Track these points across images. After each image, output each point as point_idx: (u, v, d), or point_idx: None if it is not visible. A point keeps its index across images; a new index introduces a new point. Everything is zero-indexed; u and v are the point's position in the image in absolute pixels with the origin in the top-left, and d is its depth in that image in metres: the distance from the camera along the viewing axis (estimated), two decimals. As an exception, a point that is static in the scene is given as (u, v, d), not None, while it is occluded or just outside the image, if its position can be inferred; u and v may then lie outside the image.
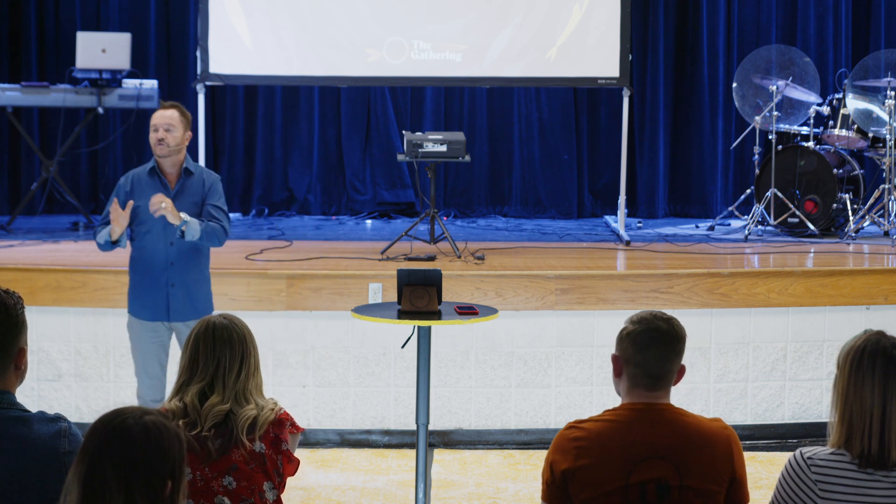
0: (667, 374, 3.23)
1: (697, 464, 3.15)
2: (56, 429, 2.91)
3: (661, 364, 3.21)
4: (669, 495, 3.13)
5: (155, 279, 5.66)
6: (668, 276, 6.98)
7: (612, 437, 3.16)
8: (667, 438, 3.16)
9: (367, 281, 6.82)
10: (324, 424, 6.86)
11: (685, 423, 3.21)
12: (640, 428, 3.17)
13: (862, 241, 8.51)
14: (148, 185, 5.73)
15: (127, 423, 2.44)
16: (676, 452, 3.14)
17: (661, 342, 3.21)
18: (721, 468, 3.17)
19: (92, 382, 6.81)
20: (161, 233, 5.65)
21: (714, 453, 3.17)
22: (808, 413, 7.05)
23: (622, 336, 3.26)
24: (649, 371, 3.21)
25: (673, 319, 3.27)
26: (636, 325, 3.24)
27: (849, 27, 10.23)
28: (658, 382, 3.22)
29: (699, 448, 3.16)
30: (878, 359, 3.04)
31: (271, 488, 3.45)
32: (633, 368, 3.22)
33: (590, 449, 3.15)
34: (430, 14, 8.63)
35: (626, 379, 3.25)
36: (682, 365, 3.27)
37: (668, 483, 3.13)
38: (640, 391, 3.22)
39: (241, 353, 3.48)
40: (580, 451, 3.15)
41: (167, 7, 10.08)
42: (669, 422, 3.20)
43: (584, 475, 3.14)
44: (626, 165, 8.81)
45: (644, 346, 3.21)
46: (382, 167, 10.18)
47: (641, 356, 3.21)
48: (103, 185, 10.02)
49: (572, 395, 6.88)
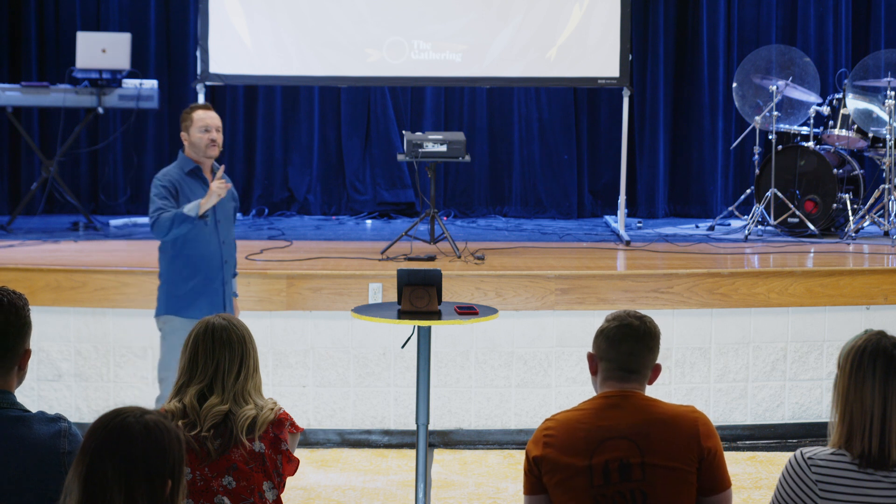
0: (640, 368, 3.34)
1: (659, 441, 3.22)
2: (56, 429, 2.91)
3: (633, 359, 3.33)
4: (632, 473, 3.20)
5: (211, 279, 5.73)
6: (668, 276, 6.98)
7: (578, 424, 3.28)
8: (629, 419, 3.27)
9: (367, 281, 6.82)
10: (324, 424, 6.86)
11: (650, 406, 3.32)
12: (605, 413, 3.29)
13: (862, 241, 8.51)
14: (190, 186, 5.76)
15: (128, 422, 2.44)
16: (638, 432, 3.23)
17: (633, 338, 3.34)
18: (685, 446, 3.23)
19: (92, 382, 6.81)
20: (213, 232, 5.72)
21: (677, 432, 3.24)
22: (808, 413, 7.05)
23: (597, 334, 3.40)
24: (621, 365, 3.33)
25: (646, 318, 3.39)
26: (610, 323, 3.39)
27: (849, 27, 10.23)
28: (630, 376, 3.34)
29: (661, 426, 3.24)
30: (879, 359, 3.04)
31: (271, 488, 3.45)
32: (606, 363, 3.36)
33: (556, 437, 3.27)
34: (430, 14, 8.63)
35: (600, 373, 3.39)
36: (657, 364, 3.38)
37: (629, 461, 3.21)
38: (613, 382, 3.35)
39: (241, 354, 3.49)
40: (549, 438, 3.28)
41: (167, 7, 10.08)
42: (634, 406, 3.30)
43: (552, 461, 3.24)
44: (626, 165, 8.81)
45: (617, 341, 3.34)
46: (382, 167, 10.19)
47: (614, 351, 3.34)
48: (103, 186, 10.02)
49: (572, 395, 6.87)
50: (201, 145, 5.75)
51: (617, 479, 3.20)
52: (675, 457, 3.22)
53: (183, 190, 5.74)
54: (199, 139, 5.75)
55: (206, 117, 5.78)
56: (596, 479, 3.20)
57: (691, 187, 10.29)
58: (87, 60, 8.76)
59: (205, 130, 5.75)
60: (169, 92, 9.94)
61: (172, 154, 10.11)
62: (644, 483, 3.20)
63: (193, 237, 5.71)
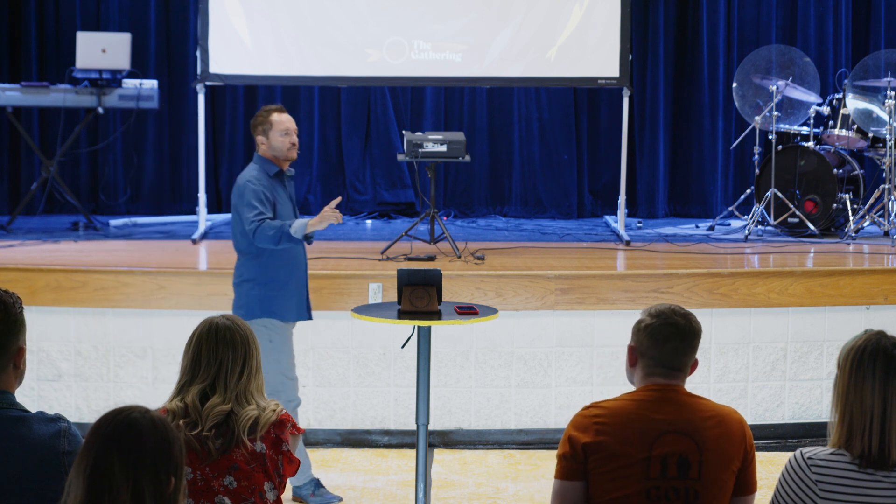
0: (682, 366, 3.31)
1: (714, 440, 3.20)
2: (56, 429, 2.91)
3: (677, 357, 3.29)
4: (689, 470, 3.18)
5: (299, 280, 5.79)
6: (668, 276, 6.98)
7: (631, 414, 3.22)
8: (685, 415, 3.22)
9: (367, 281, 6.82)
10: (324, 424, 6.86)
11: (698, 403, 3.28)
12: (658, 406, 3.24)
13: (862, 241, 8.51)
14: (275, 189, 5.75)
15: (134, 417, 2.44)
16: (695, 429, 3.20)
17: (678, 337, 3.28)
18: (734, 450, 3.23)
19: (92, 382, 6.81)
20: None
21: (729, 432, 3.23)
22: (808, 413, 7.05)
23: (639, 328, 3.32)
24: (665, 362, 3.28)
25: (690, 315, 3.33)
26: (654, 319, 3.30)
27: (849, 27, 10.23)
28: (673, 372, 3.30)
29: (715, 425, 3.22)
30: (879, 359, 3.04)
31: (272, 488, 3.45)
32: (648, 360, 3.30)
33: (610, 425, 3.20)
34: (430, 14, 8.62)
35: (641, 368, 3.32)
36: (695, 359, 3.34)
37: (688, 458, 3.18)
38: (657, 378, 3.29)
39: (244, 355, 3.48)
40: (600, 426, 3.19)
41: (167, 7, 10.08)
42: (686, 402, 3.26)
43: (606, 449, 3.18)
44: (626, 165, 8.81)
45: (661, 340, 3.27)
46: (382, 167, 10.19)
47: (658, 350, 3.28)
48: (103, 186, 10.02)
49: (572, 395, 6.88)
50: (283, 149, 5.74)
51: (674, 475, 3.17)
52: (728, 457, 3.22)
53: (271, 192, 5.71)
54: (280, 143, 5.73)
55: (286, 120, 5.78)
56: (652, 472, 3.17)
57: (691, 187, 10.29)
58: (87, 60, 8.76)
59: (285, 134, 5.75)
60: (169, 92, 9.94)
61: (172, 154, 10.15)
62: (699, 483, 3.18)
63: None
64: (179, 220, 9.54)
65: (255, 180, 5.67)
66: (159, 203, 10.03)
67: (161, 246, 8.15)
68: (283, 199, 5.74)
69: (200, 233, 8.44)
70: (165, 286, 6.78)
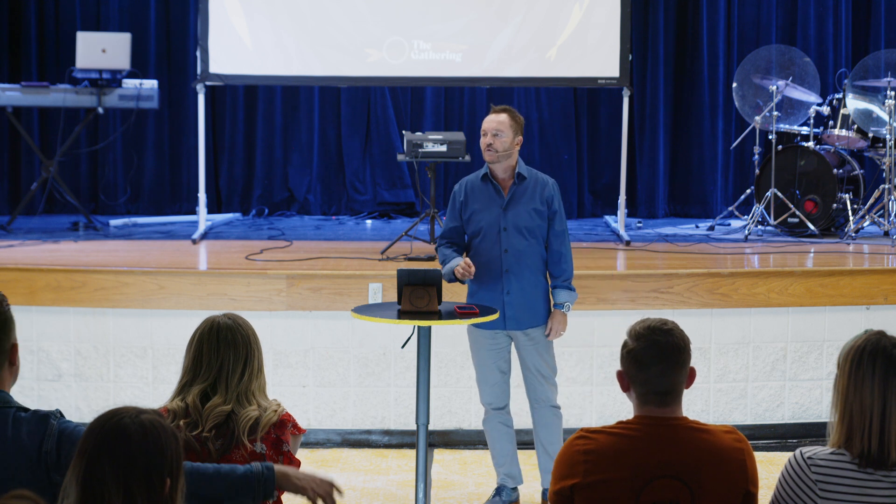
0: (674, 387, 3.15)
1: (711, 481, 3.07)
2: (43, 429, 2.91)
3: (665, 379, 3.13)
4: None
5: (491, 288, 5.55)
6: (668, 276, 6.98)
7: (623, 453, 3.08)
8: (680, 456, 3.08)
9: (367, 281, 6.82)
10: (324, 424, 6.86)
11: (700, 440, 3.12)
12: (652, 444, 3.09)
13: (862, 241, 8.51)
14: (481, 192, 5.59)
15: (123, 423, 2.45)
16: (690, 471, 3.06)
17: (661, 359, 3.13)
18: (735, 487, 3.11)
19: (92, 382, 6.81)
20: (496, 240, 5.54)
21: (729, 470, 3.10)
22: (808, 413, 7.05)
23: (623, 353, 3.19)
24: (656, 388, 3.13)
25: (673, 329, 3.18)
26: (636, 343, 3.15)
27: (849, 27, 10.23)
28: (667, 398, 3.14)
29: (713, 466, 3.08)
30: (879, 359, 3.04)
31: (272, 488, 3.45)
32: (639, 387, 3.16)
33: (600, 464, 3.07)
34: (430, 14, 8.62)
35: (635, 396, 3.18)
36: (691, 368, 3.19)
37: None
38: (651, 408, 3.15)
39: (245, 355, 3.48)
40: (589, 465, 3.08)
41: (167, 7, 10.08)
42: (683, 439, 3.11)
43: (594, 492, 3.07)
44: (626, 165, 8.81)
45: (645, 363, 3.13)
46: (382, 167, 10.19)
47: (644, 374, 3.13)
48: (103, 186, 10.03)
49: (572, 395, 6.87)
50: (482, 149, 5.61)
51: None
52: (724, 498, 3.08)
53: (470, 197, 5.58)
54: (480, 143, 5.62)
55: (485, 120, 5.63)
56: None
57: (691, 187, 10.29)
58: (87, 60, 8.76)
59: (483, 134, 5.60)
60: (169, 92, 9.94)
61: (172, 154, 10.16)
62: None
63: (476, 246, 5.58)
64: (179, 220, 9.55)
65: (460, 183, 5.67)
66: (159, 203, 10.03)
67: (161, 246, 8.15)
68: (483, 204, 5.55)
69: (200, 233, 8.44)
70: (165, 286, 6.78)
